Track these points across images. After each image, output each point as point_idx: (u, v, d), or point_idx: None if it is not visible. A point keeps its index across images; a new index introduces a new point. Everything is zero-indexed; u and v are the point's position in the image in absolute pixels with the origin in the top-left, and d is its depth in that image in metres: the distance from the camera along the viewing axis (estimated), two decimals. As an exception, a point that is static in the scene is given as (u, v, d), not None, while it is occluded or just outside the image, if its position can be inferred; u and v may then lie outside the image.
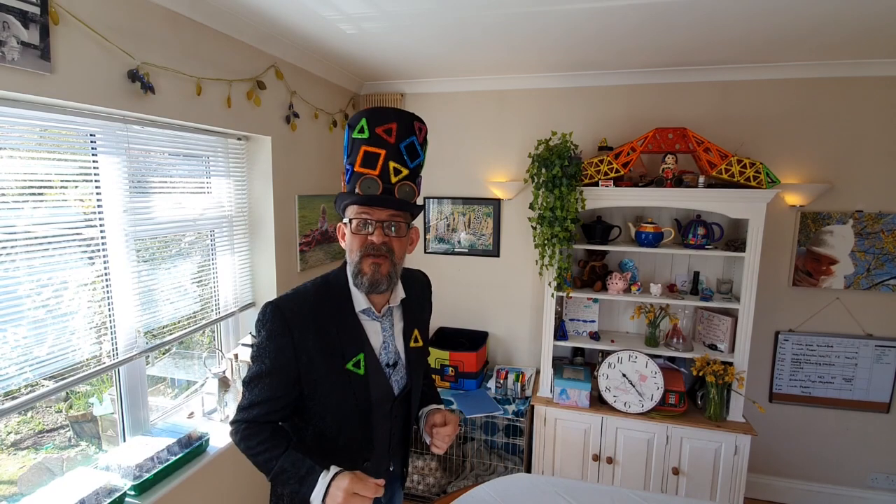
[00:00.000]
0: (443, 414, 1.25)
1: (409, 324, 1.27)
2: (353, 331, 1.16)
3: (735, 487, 2.51)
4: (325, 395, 1.14)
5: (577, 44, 2.33)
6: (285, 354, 1.10)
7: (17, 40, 1.26)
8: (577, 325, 2.93)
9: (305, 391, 1.13)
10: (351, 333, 1.15)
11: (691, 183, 2.53)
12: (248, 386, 1.13)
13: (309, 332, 1.11)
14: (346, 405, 1.14)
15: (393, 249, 1.11)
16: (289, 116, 2.51)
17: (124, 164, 1.74)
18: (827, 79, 2.61)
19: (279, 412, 1.14)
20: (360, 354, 1.15)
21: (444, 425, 1.22)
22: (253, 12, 1.98)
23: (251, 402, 1.12)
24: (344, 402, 1.14)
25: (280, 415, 1.15)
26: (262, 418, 1.12)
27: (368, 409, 1.17)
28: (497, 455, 3.06)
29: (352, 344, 1.15)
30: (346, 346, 1.14)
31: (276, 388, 1.11)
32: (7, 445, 1.70)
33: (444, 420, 1.23)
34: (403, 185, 1.10)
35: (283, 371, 1.11)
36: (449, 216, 3.28)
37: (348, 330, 1.15)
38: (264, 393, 1.11)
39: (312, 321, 1.12)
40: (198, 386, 2.34)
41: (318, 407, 1.15)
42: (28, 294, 1.46)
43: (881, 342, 2.72)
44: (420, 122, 1.14)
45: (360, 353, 1.15)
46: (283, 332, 1.09)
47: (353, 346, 1.15)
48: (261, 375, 1.11)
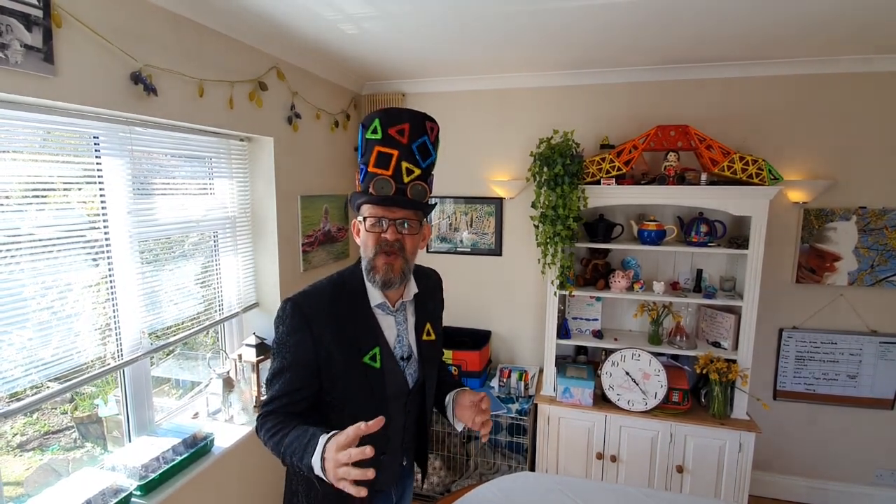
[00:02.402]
0: (471, 392, 1.25)
1: (422, 318, 1.29)
2: (368, 325, 1.18)
3: (739, 485, 2.51)
4: (343, 388, 1.16)
5: (578, 42, 2.33)
6: (304, 349, 1.12)
7: (21, 43, 1.26)
8: (580, 323, 2.92)
9: (325, 385, 1.15)
10: (366, 328, 1.17)
11: (693, 180, 2.53)
12: (270, 382, 1.16)
13: (327, 327, 1.13)
14: (364, 398, 1.16)
15: (405, 247, 1.14)
16: (291, 117, 2.52)
17: (127, 165, 1.75)
18: (829, 75, 2.60)
19: (300, 403, 1.15)
20: (375, 348, 1.17)
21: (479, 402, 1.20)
22: (254, 14, 1.99)
23: (272, 396, 1.14)
24: (361, 394, 1.16)
25: (301, 406, 1.16)
26: (282, 410, 1.14)
27: (385, 402, 1.18)
28: (501, 454, 3.06)
29: (368, 338, 1.17)
30: (363, 340, 1.16)
31: (296, 382, 1.13)
32: (13, 447, 1.71)
33: (478, 397, 1.21)
34: (416, 184, 1.12)
35: (303, 365, 1.13)
36: (451, 215, 3.28)
37: (364, 324, 1.17)
38: (285, 387, 1.13)
39: (330, 316, 1.14)
40: (202, 386, 2.35)
41: (336, 401, 1.17)
42: (33, 296, 1.46)
43: (885, 339, 2.71)
44: (432, 121, 1.16)
45: (376, 346, 1.17)
46: (301, 327, 1.12)
47: (369, 339, 1.17)
48: (282, 370, 1.14)
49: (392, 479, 1.32)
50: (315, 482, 1.09)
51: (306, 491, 1.22)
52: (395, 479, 1.33)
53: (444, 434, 3.01)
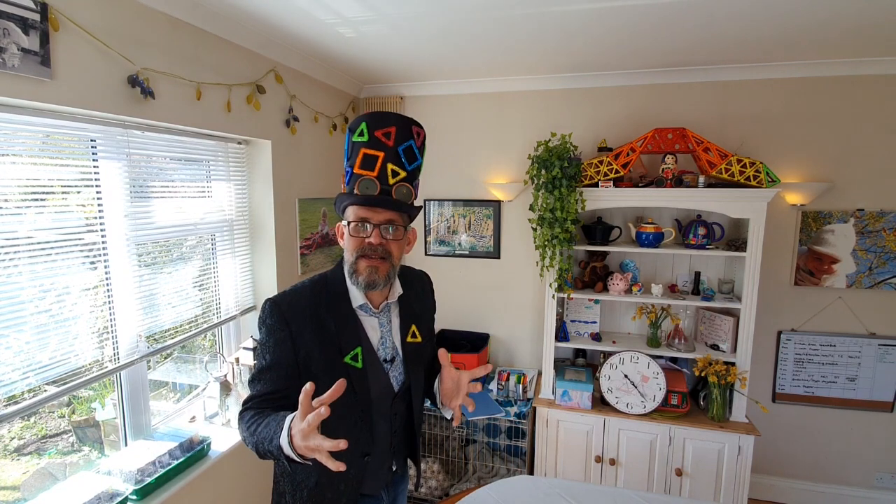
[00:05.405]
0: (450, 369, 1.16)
1: (407, 320, 1.27)
2: (350, 325, 1.17)
3: (739, 488, 2.50)
4: (324, 388, 1.14)
5: (575, 45, 2.34)
6: (284, 349, 1.13)
7: (18, 47, 1.26)
8: (578, 326, 2.92)
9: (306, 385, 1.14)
10: (348, 328, 1.17)
11: (691, 183, 2.53)
12: (252, 382, 1.16)
13: (306, 327, 1.13)
14: (346, 399, 1.14)
15: (390, 252, 1.13)
16: (289, 120, 2.52)
17: (125, 169, 1.75)
18: (827, 77, 2.61)
19: (280, 401, 1.14)
20: (357, 348, 1.16)
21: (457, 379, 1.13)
22: (252, 17, 1.99)
23: (252, 395, 1.14)
24: (344, 395, 1.14)
25: (281, 404, 1.15)
26: (261, 406, 1.13)
27: (368, 403, 1.18)
28: (499, 457, 3.05)
29: (349, 338, 1.16)
30: (344, 340, 1.16)
31: (277, 382, 1.13)
32: (10, 451, 1.71)
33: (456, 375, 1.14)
34: (401, 186, 1.12)
35: (283, 365, 1.13)
36: (449, 218, 3.28)
37: (345, 324, 1.17)
38: (266, 387, 1.13)
39: (310, 316, 1.14)
40: (199, 390, 2.34)
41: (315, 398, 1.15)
42: (31, 299, 1.46)
43: (884, 341, 2.70)
44: (419, 126, 1.16)
45: (358, 346, 1.16)
46: (280, 326, 1.12)
47: (351, 340, 1.16)
48: (262, 370, 1.14)
49: (381, 484, 1.30)
50: (287, 465, 1.02)
51: (293, 491, 1.21)
52: (385, 483, 1.32)
53: (442, 437, 3.00)
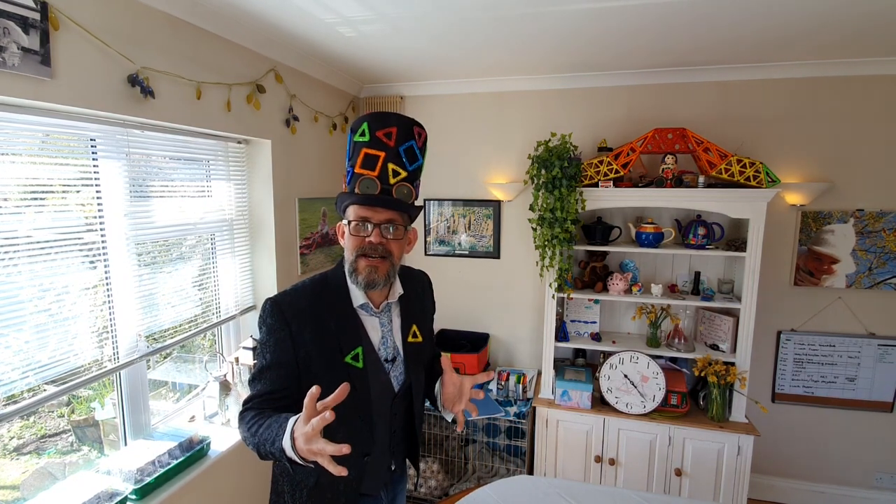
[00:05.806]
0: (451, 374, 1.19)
1: (408, 319, 1.27)
2: (350, 325, 1.17)
3: (738, 488, 2.50)
4: (326, 388, 1.13)
5: (575, 45, 2.34)
6: (284, 348, 1.12)
7: (18, 46, 1.26)
8: (578, 326, 2.92)
9: (305, 385, 1.13)
10: (349, 327, 1.17)
11: (691, 183, 2.53)
12: (252, 382, 1.16)
13: (306, 326, 1.13)
14: (347, 399, 1.14)
15: (391, 251, 1.13)
16: (289, 120, 2.52)
17: (125, 168, 1.75)
18: (826, 77, 2.61)
19: (280, 402, 1.14)
20: (358, 348, 1.16)
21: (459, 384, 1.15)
22: (252, 16, 1.99)
23: (253, 395, 1.14)
24: None
25: (281, 404, 1.15)
26: (262, 406, 1.13)
27: (368, 403, 1.18)
28: (499, 457, 3.05)
29: (350, 338, 1.16)
30: (344, 340, 1.15)
31: (277, 381, 1.13)
32: (10, 450, 1.71)
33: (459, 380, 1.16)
34: (401, 186, 1.12)
35: (284, 364, 1.13)
36: (449, 218, 3.28)
37: (346, 324, 1.17)
38: (266, 386, 1.13)
39: (310, 315, 1.14)
40: (199, 389, 2.34)
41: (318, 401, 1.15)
42: (30, 299, 1.46)
43: (884, 341, 2.71)
44: (420, 127, 1.16)
45: (359, 346, 1.16)
46: (280, 326, 1.12)
47: (352, 339, 1.16)
48: (262, 370, 1.14)
49: (380, 484, 1.30)
50: (289, 467, 1.03)
51: (292, 491, 1.21)
52: (384, 483, 1.32)
53: (442, 437, 3.00)
